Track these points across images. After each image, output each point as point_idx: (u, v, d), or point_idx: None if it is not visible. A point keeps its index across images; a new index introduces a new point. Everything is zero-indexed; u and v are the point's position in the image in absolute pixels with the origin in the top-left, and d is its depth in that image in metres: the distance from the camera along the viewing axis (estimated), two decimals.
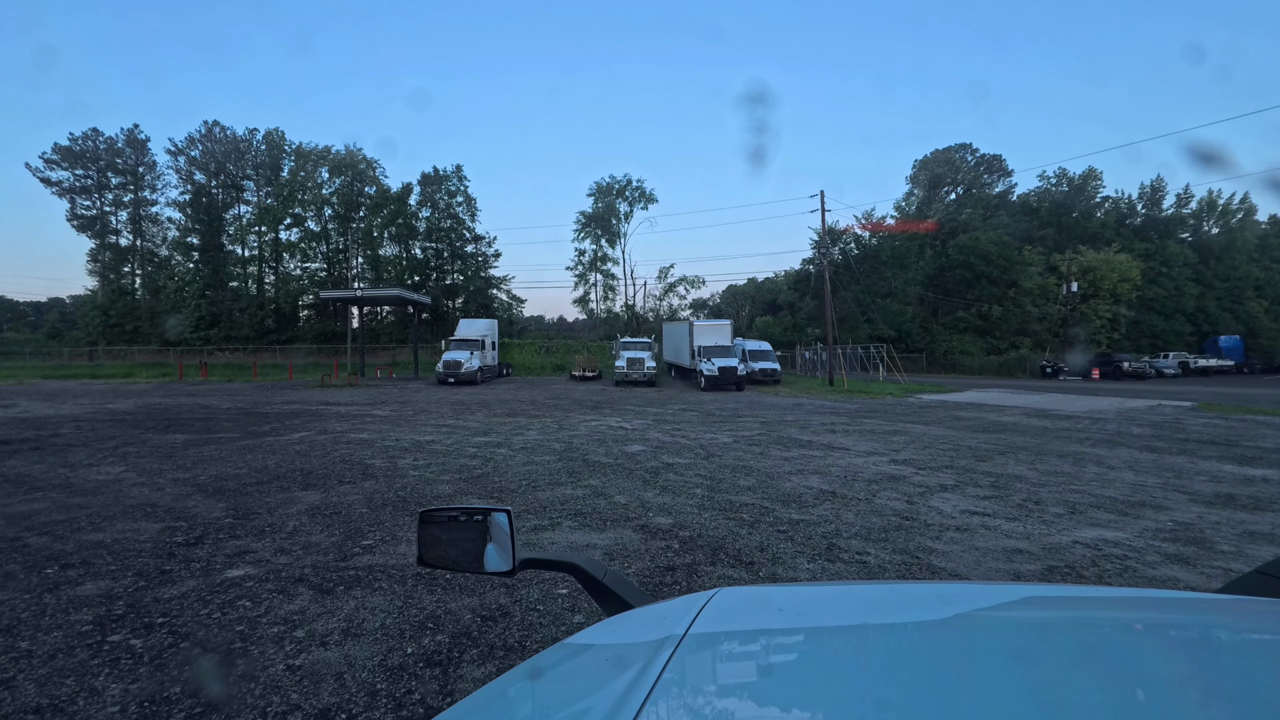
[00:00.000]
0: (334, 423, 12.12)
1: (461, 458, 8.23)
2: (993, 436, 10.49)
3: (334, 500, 5.91)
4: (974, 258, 41.72)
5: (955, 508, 5.72)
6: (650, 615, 0.90)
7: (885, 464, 7.88)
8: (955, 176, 52.25)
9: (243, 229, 42.92)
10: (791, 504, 5.83)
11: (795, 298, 49.09)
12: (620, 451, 8.68)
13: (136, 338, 40.92)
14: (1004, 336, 41.76)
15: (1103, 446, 9.46)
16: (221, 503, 5.92)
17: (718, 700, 0.63)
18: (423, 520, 1.19)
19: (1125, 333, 43.22)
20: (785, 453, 8.66)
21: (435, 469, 7.44)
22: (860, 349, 28.29)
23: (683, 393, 20.72)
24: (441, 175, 44.54)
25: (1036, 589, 1.39)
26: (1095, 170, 51.80)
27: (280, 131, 44.70)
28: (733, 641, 0.82)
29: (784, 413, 14.44)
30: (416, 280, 42.41)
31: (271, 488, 6.50)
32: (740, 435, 10.44)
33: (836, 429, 11.37)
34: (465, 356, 22.85)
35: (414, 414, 13.85)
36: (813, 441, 9.75)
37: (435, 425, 11.72)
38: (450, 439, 9.90)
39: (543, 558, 1.16)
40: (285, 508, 5.68)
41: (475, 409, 14.91)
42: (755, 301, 68.85)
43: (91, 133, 43.73)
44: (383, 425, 11.69)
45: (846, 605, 0.98)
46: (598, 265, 52.01)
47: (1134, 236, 48.22)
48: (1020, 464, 7.93)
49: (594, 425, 11.70)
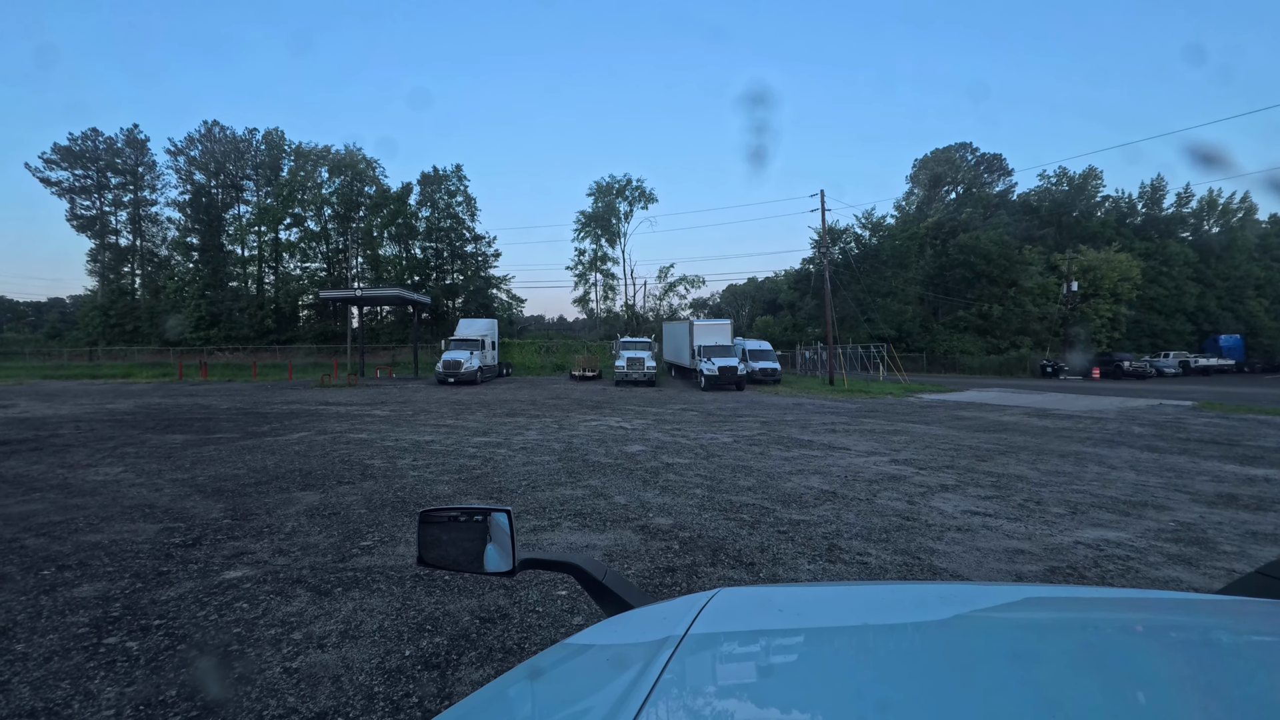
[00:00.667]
0: (333, 423, 12.10)
1: (461, 458, 8.21)
2: (994, 436, 10.47)
3: (333, 501, 5.89)
4: (974, 257, 41.67)
5: (956, 508, 5.70)
6: (650, 616, 0.90)
7: (886, 464, 7.86)
8: (955, 176, 52.24)
9: (242, 229, 42.90)
10: (792, 504, 5.81)
11: (795, 297, 49.06)
12: (620, 451, 8.66)
13: (136, 338, 40.91)
14: (1004, 336, 41.72)
15: (1104, 446, 9.43)
16: (220, 503, 5.90)
17: (717, 701, 0.63)
18: (423, 520, 1.19)
19: (1125, 332, 43.19)
20: (785, 453, 8.64)
21: (435, 469, 7.42)
22: (861, 349, 28.23)
23: (683, 392, 20.71)
24: (441, 175, 44.53)
25: (1036, 590, 1.37)
26: (1095, 169, 51.82)
27: (280, 131, 44.76)
28: (733, 642, 0.82)
29: (784, 412, 14.42)
30: (416, 280, 42.37)
31: (270, 488, 6.48)
32: (740, 435, 10.42)
33: (837, 429, 11.35)
34: (465, 356, 22.82)
35: (414, 414, 13.83)
36: (813, 441, 9.73)
37: (435, 425, 11.70)
38: (450, 439, 9.88)
39: (543, 558, 1.16)
40: (284, 508, 5.66)
41: (475, 409, 14.89)
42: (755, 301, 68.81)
43: (91, 133, 43.77)
44: (382, 425, 11.67)
45: (847, 606, 0.98)
46: (598, 265, 52.01)
47: (1134, 236, 48.18)
48: (1021, 464, 7.91)
49: (594, 425, 11.68)
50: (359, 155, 44.64)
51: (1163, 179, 51.68)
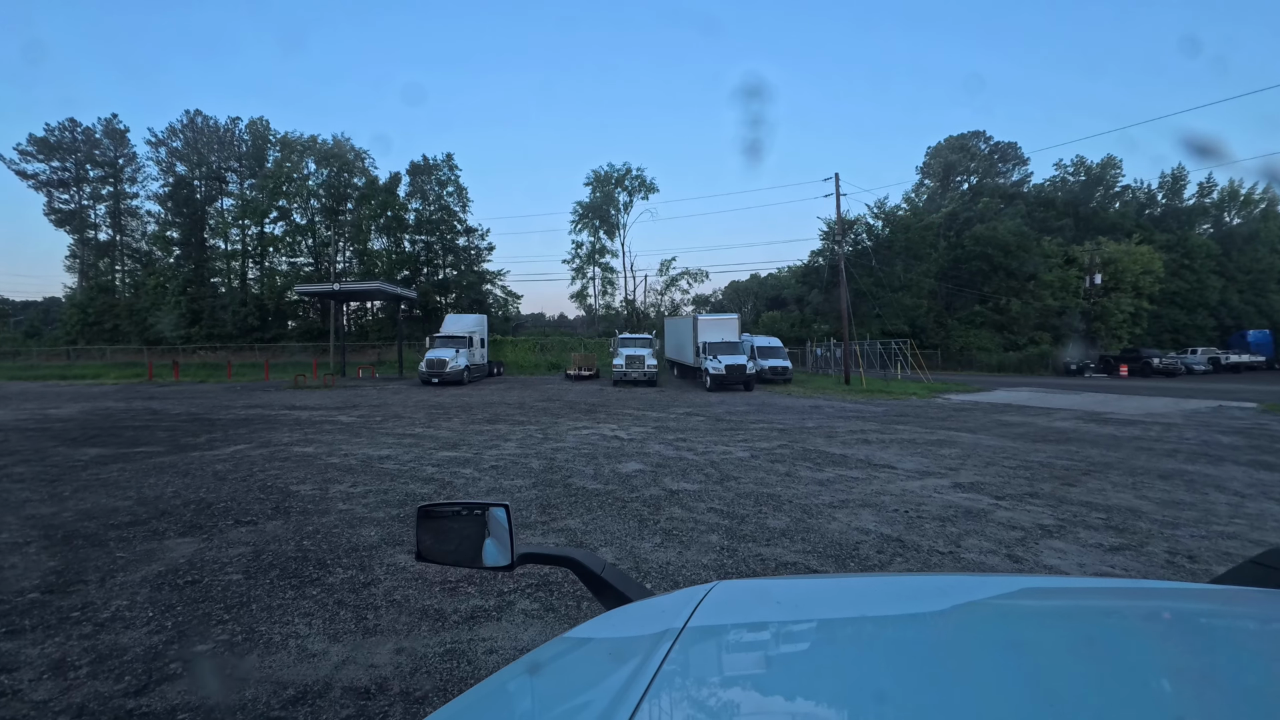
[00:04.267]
0: (284, 432, 10.47)
1: (413, 482, 6.56)
2: (1059, 449, 8.79)
3: (209, 557, 4.25)
4: (992, 248, 39.66)
5: (1080, 566, 4.03)
6: (649, 609, 0.91)
7: (949, 490, 6.18)
8: (969, 165, 50.29)
9: (224, 223, 41.05)
10: (848, 559, 4.15)
11: (803, 291, 47.05)
12: (612, 473, 7.00)
13: (116, 336, 39.15)
14: (1022, 332, 39.81)
15: (1203, 463, 7.75)
16: (55, 558, 4.27)
17: (716, 692, 0.62)
18: (421, 515, 1.19)
19: (1146, 327, 41.38)
20: (818, 473, 6.97)
21: (372, 500, 5.77)
22: (880, 344, 26.35)
23: (686, 393, 19.01)
24: (431, 164, 42.31)
25: (1033, 580, 1.36)
26: (1114, 158, 49.85)
27: (265, 121, 42.69)
28: (731, 634, 0.81)
29: (803, 417, 12.74)
30: (406, 275, 40.47)
31: (141, 532, 4.84)
32: (758, 448, 8.75)
33: (870, 438, 9.67)
34: (451, 355, 21.08)
35: (382, 420, 12.19)
36: (847, 456, 8.05)
37: (400, 435, 10.06)
38: (410, 454, 8.23)
39: (542, 553, 1.17)
40: (133, 569, 4.02)
41: (454, 413, 13.24)
42: (758, 298, 66.96)
43: (69, 123, 41.94)
44: (339, 435, 10.03)
45: (844, 598, 0.97)
46: (595, 258, 50.00)
47: (1154, 227, 46.28)
48: (1121, 490, 6.23)
49: (585, 435, 10.02)
50: (347, 145, 42.78)
51: (1184, 168, 49.78)
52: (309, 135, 42.04)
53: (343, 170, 41.90)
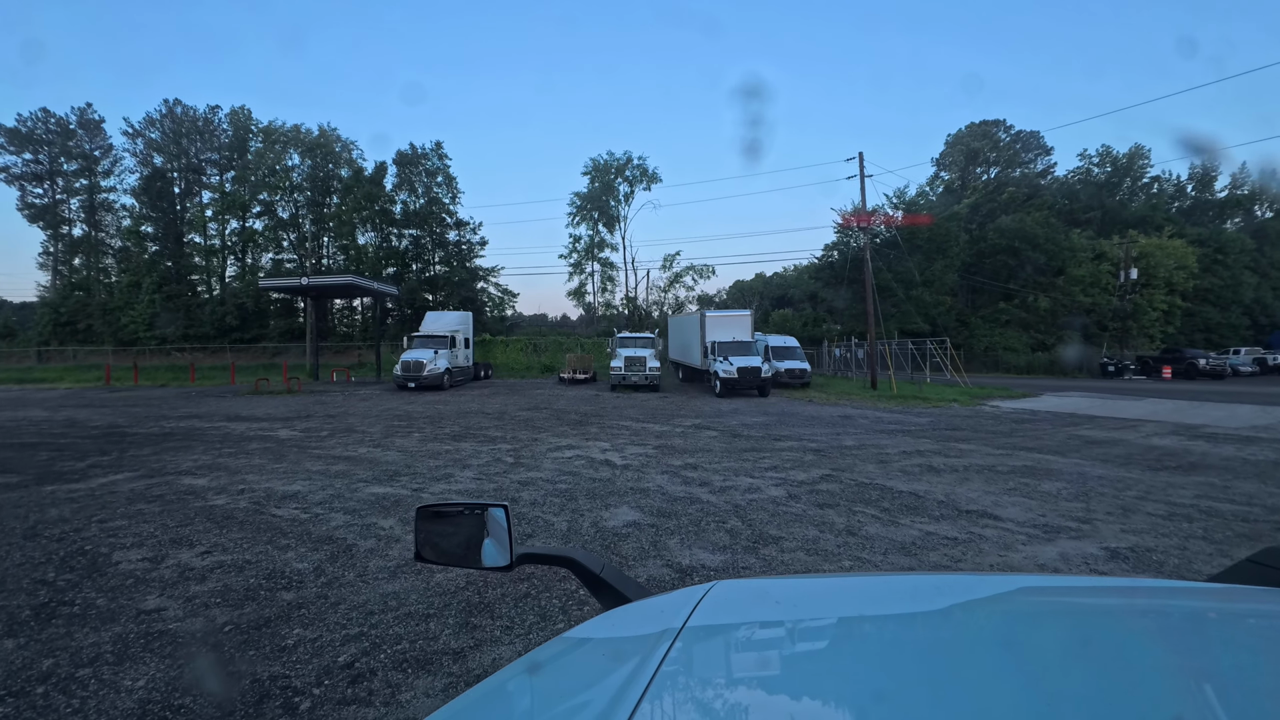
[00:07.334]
0: (195, 453, 8.38)
1: (305, 544, 4.44)
2: (1195, 480, 6.60)
3: None
4: (1019, 242, 37.20)
5: None
6: (648, 609, 0.90)
7: (1106, 563, 4.01)
8: (991, 155, 47.86)
9: (202, 216, 38.91)
10: None
11: (816, 287, 44.62)
12: (594, 527, 4.85)
13: (90, 337, 37.12)
14: (1051, 331, 37.41)
15: None
16: None
17: (715, 692, 0.62)
18: (420, 516, 1.17)
19: (1179, 326, 38.96)
20: (892, 530, 4.80)
21: (208, 589, 3.63)
22: (912, 344, 23.98)
23: (693, 400, 16.81)
24: (419, 154, 39.91)
25: (1031, 579, 1.35)
26: (1142, 148, 47.35)
27: (247, 110, 40.44)
28: (730, 634, 0.80)
29: (836, 431, 10.55)
30: (393, 271, 38.24)
31: None
32: (793, 480, 6.57)
33: (934, 464, 7.48)
34: (429, 356, 18.89)
35: (328, 435, 10.07)
36: (920, 496, 5.86)
37: (335, 457, 7.94)
38: (325, 491, 6.10)
39: (540, 553, 1.15)
40: None
41: (418, 426, 11.12)
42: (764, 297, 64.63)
43: (41, 114, 39.93)
44: (257, 459, 7.92)
45: (843, 597, 0.96)
46: (594, 253, 47.70)
47: (1184, 221, 43.83)
48: None
49: (567, 459, 7.87)
50: (334, 135, 40.58)
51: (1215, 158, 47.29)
52: (292, 125, 39.83)
53: (328, 161, 39.72)
